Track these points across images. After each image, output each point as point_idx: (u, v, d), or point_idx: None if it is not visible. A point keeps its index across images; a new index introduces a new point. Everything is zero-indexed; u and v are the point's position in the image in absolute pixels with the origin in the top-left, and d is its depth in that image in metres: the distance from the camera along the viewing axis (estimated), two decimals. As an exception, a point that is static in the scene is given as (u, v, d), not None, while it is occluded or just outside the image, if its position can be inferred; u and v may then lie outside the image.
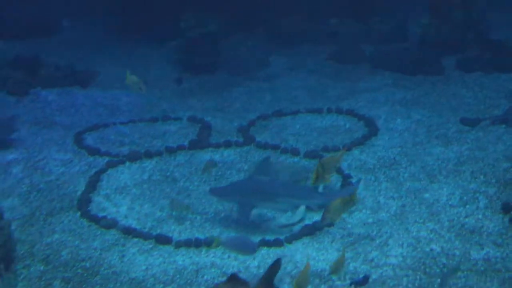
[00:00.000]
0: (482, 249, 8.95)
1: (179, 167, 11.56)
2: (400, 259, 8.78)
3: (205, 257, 8.92)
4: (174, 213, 9.94)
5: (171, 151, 12.06)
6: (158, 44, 18.22)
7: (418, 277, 8.39)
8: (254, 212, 9.71)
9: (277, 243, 9.21)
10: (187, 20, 16.67)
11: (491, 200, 10.13)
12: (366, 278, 8.35)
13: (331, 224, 9.33)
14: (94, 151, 12.09)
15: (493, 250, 8.91)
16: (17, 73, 15.32)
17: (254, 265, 8.72)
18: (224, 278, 8.28)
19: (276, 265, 6.63)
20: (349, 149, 11.79)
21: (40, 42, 19.04)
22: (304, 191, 9.81)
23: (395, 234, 9.35)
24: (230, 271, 8.52)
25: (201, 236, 9.35)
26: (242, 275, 8.35)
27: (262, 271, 8.45)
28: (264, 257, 8.89)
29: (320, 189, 10.05)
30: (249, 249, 8.03)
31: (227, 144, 12.38)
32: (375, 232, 9.44)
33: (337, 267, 8.00)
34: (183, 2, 17.44)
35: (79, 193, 10.64)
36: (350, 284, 8.32)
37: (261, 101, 14.73)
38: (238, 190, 9.67)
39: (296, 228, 9.59)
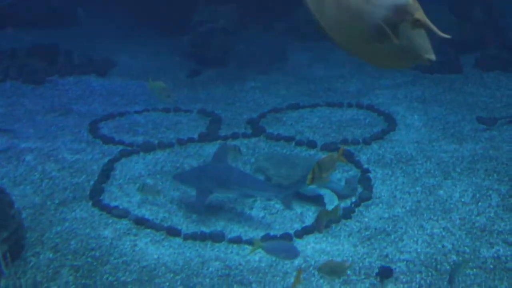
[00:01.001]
0: (492, 247, 8.94)
1: (188, 159, 11.60)
2: (414, 255, 8.78)
3: (210, 250, 8.94)
4: (148, 197, 10.00)
5: (181, 143, 12.09)
6: (172, 37, 18.24)
7: (430, 273, 8.39)
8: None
9: (286, 237, 9.17)
10: (201, 13, 16.70)
11: (503, 198, 10.11)
12: (390, 271, 8.38)
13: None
14: (108, 140, 12.14)
15: (503, 248, 8.89)
16: (34, 61, 15.40)
17: (255, 259, 8.71)
18: (227, 271, 8.36)
19: None
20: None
21: (56, 31, 19.12)
22: (258, 182, 9.87)
23: (410, 231, 9.35)
24: (232, 264, 8.56)
25: (207, 230, 9.36)
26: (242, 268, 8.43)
27: (263, 265, 8.49)
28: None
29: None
30: (292, 254, 8.00)
31: (235, 136, 12.36)
32: (390, 228, 9.44)
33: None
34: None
35: (92, 182, 10.69)
36: (376, 275, 8.35)
37: (276, 95, 14.70)
38: (196, 176, 9.82)
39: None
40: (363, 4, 4.12)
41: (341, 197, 10.07)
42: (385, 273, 8.35)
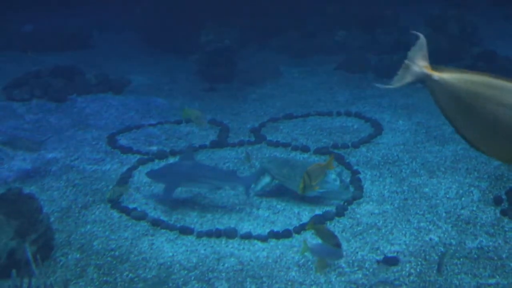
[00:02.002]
0: (476, 238, 8.86)
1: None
2: (404, 247, 8.69)
3: (224, 247, 8.85)
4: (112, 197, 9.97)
5: (194, 149, 12.01)
6: (181, 56, 18.22)
7: (419, 263, 8.30)
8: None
9: (286, 234, 9.09)
10: (207, 34, 16.69)
11: (483, 194, 10.05)
12: (396, 260, 8.30)
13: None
14: (126, 150, 12.07)
15: (486, 239, 8.81)
16: (57, 81, 15.36)
17: (263, 255, 8.61)
18: (240, 266, 8.28)
19: None
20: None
21: (74, 53, 19.18)
22: (224, 174, 10.01)
23: (399, 225, 9.26)
24: (244, 260, 8.47)
25: (221, 227, 9.28)
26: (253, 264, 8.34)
27: (270, 260, 8.40)
28: (273, 248, 8.77)
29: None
30: (337, 255, 7.92)
31: (241, 143, 12.39)
32: (381, 222, 9.35)
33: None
34: (204, 18, 17.44)
35: (110, 187, 10.59)
36: (378, 262, 8.27)
37: (273, 106, 14.63)
38: (167, 172, 9.96)
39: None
40: None
41: (338, 195, 10.02)
42: (390, 261, 8.28)
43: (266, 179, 10.14)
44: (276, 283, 7.95)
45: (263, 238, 8.96)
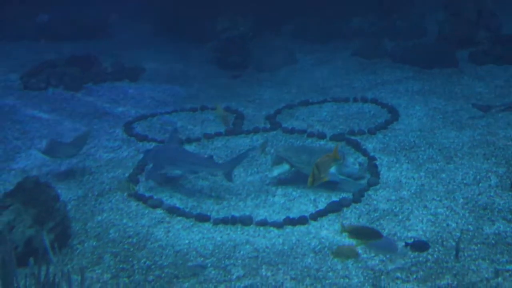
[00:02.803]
0: (494, 224, 8.81)
1: (216, 150, 11.55)
2: (421, 233, 8.66)
3: (240, 234, 8.86)
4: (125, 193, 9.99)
5: (209, 137, 12.05)
6: (197, 44, 18.23)
7: (436, 249, 8.27)
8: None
9: (302, 220, 9.08)
10: (222, 22, 16.68)
11: (501, 179, 9.98)
12: (425, 245, 8.28)
13: None
14: (142, 138, 12.11)
15: (503, 225, 8.76)
16: (72, 70, 15.41)
17: (279, 242, 8.60)
18: (256, 253, 8.28)
19: None
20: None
21: (90, 43, 19.21)
22: (202, 160, 10.23)
23: (416, 211, 9.23)
24: (260, 247, 8.47)
25: (237, 214, 9.28)
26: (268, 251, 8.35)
27: (286, 247, 8.41)
28: (289, 235, 8.76)
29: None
30: (393, 248, 7.94)
31: (256, 130, 12.35)
32: (397, 209, 9.31)
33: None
34: (219, 6, 17.43)
35: (127, 174, 10.66)
36: (406, 245, 8.26)
37: (289, 93, 14.62)
38: (153, 155, 10.28)
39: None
40: None
41: (357, 178, 10.04)
42: (420, 246, 8.27)
43: (285, 167, 10.11)
44: (291, 270, 7.95)
45: (278, 225, 8.95)
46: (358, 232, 7.66)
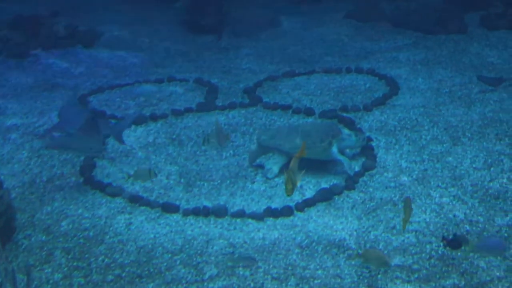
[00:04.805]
0: (506, 215, 8.86)
1: (186, 130, 11.52)
2: (423, 225, 8.70)
3: (213, 227, 8.85)
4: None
5: (177, 114, 12.01)
6: (165, 4, 18.11)
7: (441, 244, 8.31)
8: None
9: (286, 211, 9.06)
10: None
11: (516, 163, 10.09)
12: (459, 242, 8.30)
13: None
14: (99, 114, 11.99)
15: (518, 216, 8.86)
16: (16, 34, 15.26)
17: (258, 236, 8.60)
18: (231, 249, 8.28)
19: None
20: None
21: (38, 1, 18.95)
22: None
23: (418, 200, 9.26)
24: (237, 241, 8.47)
25: (209, 204, 9.27)
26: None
27: (267, 242, 8.42)
28: (270, 228, 8.77)
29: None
30: (500, 249, 7.98)
31: (232, 106, 12.28)
32: (397, 197, 9.34)
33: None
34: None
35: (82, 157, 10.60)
36: (442, 240, 8.31)
37: (271, 62, 14.60)
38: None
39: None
40: None
41: (355, 148, 10.26)
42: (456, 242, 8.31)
43: (280, 158, 9.98)
44: (274, 268, 7.96)
45: (258, 217, 8.95)
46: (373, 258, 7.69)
